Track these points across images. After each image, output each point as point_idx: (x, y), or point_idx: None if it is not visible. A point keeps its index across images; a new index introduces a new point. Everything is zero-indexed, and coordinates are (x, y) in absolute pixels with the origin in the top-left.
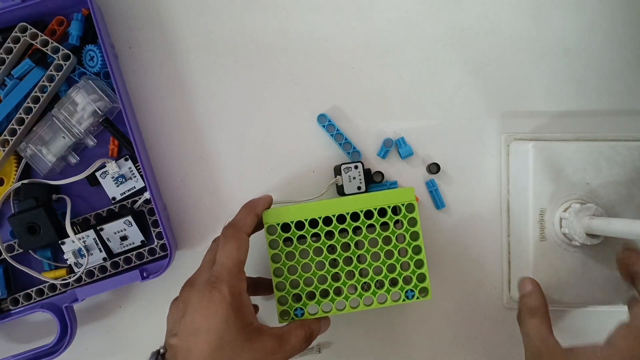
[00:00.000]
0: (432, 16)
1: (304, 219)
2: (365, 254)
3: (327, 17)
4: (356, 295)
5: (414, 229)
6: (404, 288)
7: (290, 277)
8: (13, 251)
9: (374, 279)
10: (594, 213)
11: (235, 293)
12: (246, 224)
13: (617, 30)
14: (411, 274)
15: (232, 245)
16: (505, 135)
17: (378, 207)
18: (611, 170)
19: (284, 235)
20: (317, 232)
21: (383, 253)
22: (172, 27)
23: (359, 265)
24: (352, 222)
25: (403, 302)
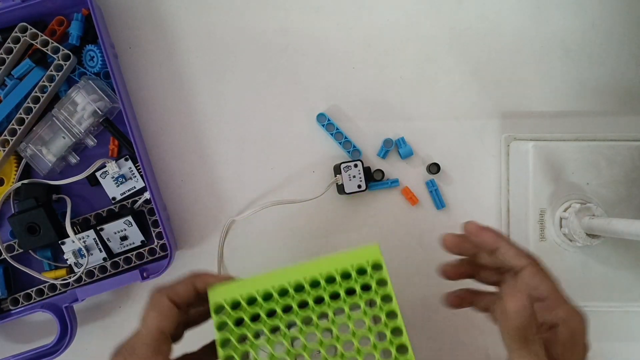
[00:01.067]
0: (432, 16)
1: (256, 292)
2: (331, 327)
3: (327, 16)
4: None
5: (384, 291)
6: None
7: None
8: (13, 251)
9: (344, 356)
10: (594, 213)
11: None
12: (177, 291)
13: (617, 30)
14: (389, 345)
15: (152, 312)
16: (505, 136)
17: (340, 270)
18: (611, 170)
19: (234, 315)
20: (272, 307)
21: (352, 324)
22: (172, 27)
23: (324, 341)
24: (311, 291)
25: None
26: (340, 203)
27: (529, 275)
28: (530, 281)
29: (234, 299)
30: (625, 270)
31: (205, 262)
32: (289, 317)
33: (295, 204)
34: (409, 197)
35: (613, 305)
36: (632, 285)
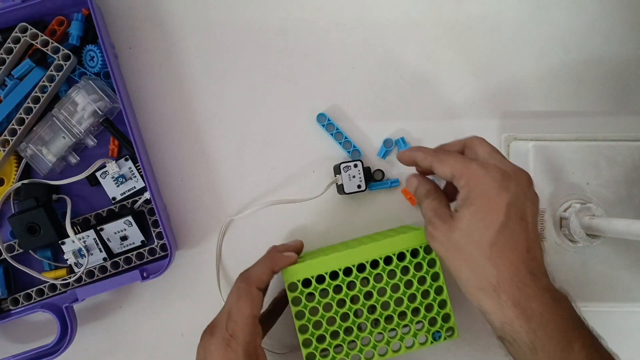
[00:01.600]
0: (432, 16)
1: (325, 273)
2: (388, 300)
3: (327, 16)
4: (384, 343)
5: (434, 270)
6: (430, 330)
7: (317, 333)
8: (13, 251)
9: (399, 324)
10: (594, 213)
11: (249, 351)
12: (260, 279)
13: (617, 30)
14: (435, 315)
15: (244, 302)
16: (506, 136)
17: (397, 252)
18: (611, 170)
19: (306, 291)
20: (338, 284)
21: (406, 297)
22: (172, 27)
23: (383, 312)
24: (372, 270)
25: (431, 344)
26: (340, 203)
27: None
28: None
29: (306, 278)
30: (625, 271)
31: (206, 262)
32: (353, 292)
33: (294, 203)
34: (409, 197)
35: (613, 305)
36: (632, 286)
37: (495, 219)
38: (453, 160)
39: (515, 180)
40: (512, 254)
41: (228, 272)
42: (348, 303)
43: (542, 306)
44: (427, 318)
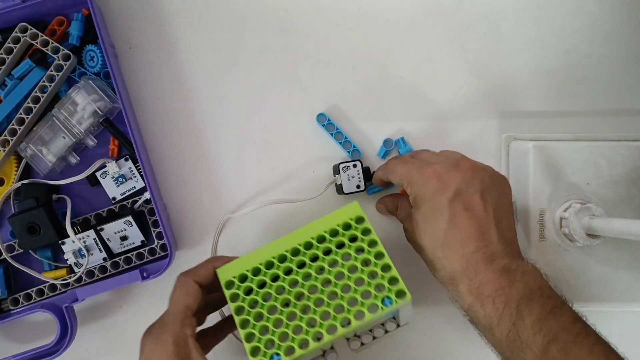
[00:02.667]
0: (433, 16)
1: (259, 264)
2: (328, 277)
3: (327, 16)
4: (331, 320)
5: (370, 238)
6: (379, 297)
7: (259, 325)
8: (13, 251)
9: (344, 297)
10: (594, 213)
11: (179, 341)
12: (198, 272)
13: (617, 30)
14: (381, 280)
15: (179, 292)
16: (506, 136)
17: (329, 229)
18: (611, 170)
19: (243, 285)
20: (275, 272)
21: (346, 270)
22: (172, 27)
23: (325, 289)
24: (306, 251)
25: (383, 311)
26: (339, 203)
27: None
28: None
29: (241, 273)
30: (625, 271)
31: None
32: (290, 277)
33: (294, 203)
34: None
35: (613, 305)
36: (632, 286)
37: (440, 218)
38: (400, 169)
39: (454, 175)
40: (461, 248)
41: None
42: (287, 288)
43: (494, 287)
44: (373, 286)
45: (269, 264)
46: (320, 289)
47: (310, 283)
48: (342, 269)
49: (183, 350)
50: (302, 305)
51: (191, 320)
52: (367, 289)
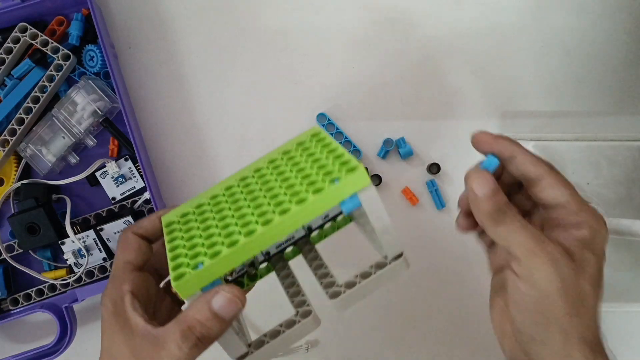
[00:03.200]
0: (433, 16)
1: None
2: (269, 178)
3: (327, 16)
4: (268, 213)
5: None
6: (326, 179)
7: (187, 235)
8: (13, 251)
9: (284, 188)
10: None
11: (116, 300)
12: (141, 224)
13: (618, 30)
14: (332, 167)
15: (119, 248)
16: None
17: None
18: (611, 170)
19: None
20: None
21: (290, 167)
22: (172, 27)
23: (263, 188)
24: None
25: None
26: None
27: (548, 185)
28: (551, 190)
29: (184, 211)
30: (625, 271)
31: None
32: (231, 191)
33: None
34: (409, 197)
35: (613, 306)
36: (632, 286)
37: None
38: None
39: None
40: None
41: None
42: (226, 200)
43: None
44: (320, 174)
45: (215, 195)
46: (259, 188)
47: (248, 189)
48: (285, 168)
49: (119, 308)
50: (236, 207)
51: (131, 275)
52: (313, 178)
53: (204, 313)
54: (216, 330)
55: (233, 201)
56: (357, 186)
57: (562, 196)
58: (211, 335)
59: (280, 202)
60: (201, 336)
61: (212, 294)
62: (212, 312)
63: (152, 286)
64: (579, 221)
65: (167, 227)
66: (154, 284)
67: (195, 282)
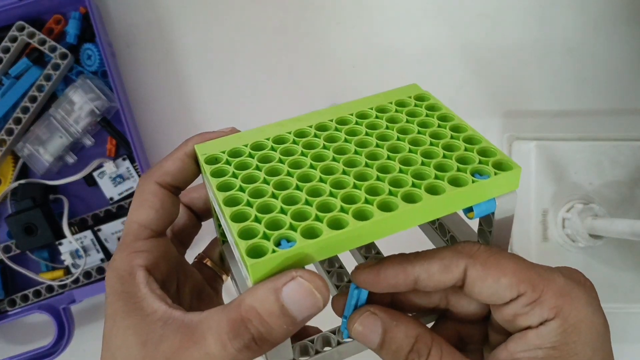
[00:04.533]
0: (433, 15)
1: (266, 139)
2: (377, 150)
3: (327, 15)
4: (386, 194)
5: (441, 112)
6: (465, 169)
7: (257, 202)
8: (10, 252)
9: (406, 172)
10: (597, 213)
11: (124, 276)
12: (164, 169)
13: (620, 29)
14: (467, 153)
15: (134, 204)
16: (507, 135)
17: (375, 106)
18: (614, 170)
19: (236, 161)
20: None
21: (407, 142)
22: (171, 25)
23: (372, 163)
24: (339, 126)
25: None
26: None
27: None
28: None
29: (235, 148)
30: (628, 272)
31: None
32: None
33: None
34: None
35: (616, 306)
36: (635, 287)
37: None
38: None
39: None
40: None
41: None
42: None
43: None
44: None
45: (281, 139)
46: (365, 162)
47: (337, 145)
48: (391, 134)
49: (128, 287)
50: (334, 180)
51: (147, 243)
52: (442, 162)
53: (269, 304)
54: (280, 333)
55: (314, 156)
56: (504, 189)
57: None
58: (271, 338)
59: (399, 182)
60: (258, 336)
61: (286, 278)
62: (280, 304)
63: (174, 258)
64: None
65: (209, 164)
66: (176, 256)
67: (279, 265)
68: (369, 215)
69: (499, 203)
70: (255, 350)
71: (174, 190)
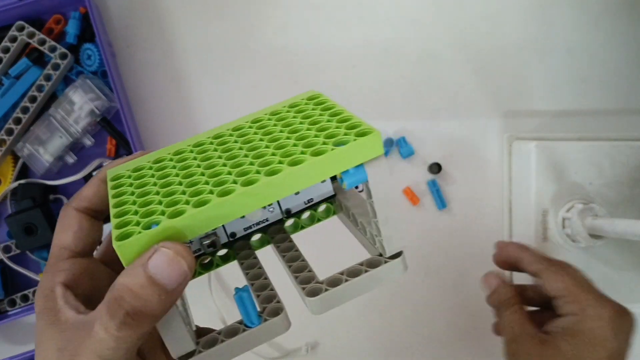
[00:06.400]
0: (434, 14)
1: (168, 154)
2: (253, 137)
3: (327, 14)
4: (252, 172)
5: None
6: (329, 142)
7: (139, 191)
8: (10, 252)
9: (273, 148)
10: (597, 213)
11: (47, 293)
12: (82, 194)
13: (620, 29)
14: (336, 129)
15: (57, 228)
16: (508, 135)
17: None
18: (614, 170)
19: (135, 173)
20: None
21: (282, 129)
22: (170, 25)
23: (249, 153)
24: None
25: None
26: None
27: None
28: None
29: (137, 165)
30: (628, 272)
31: None
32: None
33: None
34: (410, 197)
35: None
36: (635, 287)
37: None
38: (569, 278)
39: (628, 323)
40: None
41: (219, 273)
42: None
43: None
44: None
45: (180, 150)
46: (238, 147)
47: (224, 147)
48: (274, 129)
49: (49, 304)
50: (208, 165)
51: (66, 263)
52: (312, 140)
53: (138, 277)
54: (154, 303)
55: (204, 158)
56: (367, 154)
57: (558, 289)
58: (147, 311)
59: (267, 162)
60: (132, 310)
61: (150, 252)
62: (147, 275)
63: (103, 275)
64: (568, 311)
65: (113, 180)
66: (107, 273)
67: (145, 244)
68: (231, 191)
69: (368, 169)
70: (135, 326)
71: (93, 214)
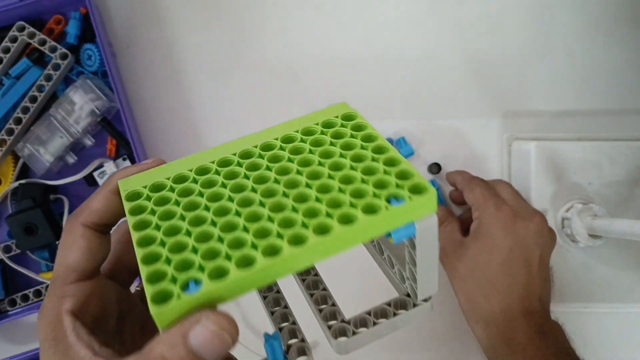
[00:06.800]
0: (434, 14)
1: (189, 170)
2: (296, 177)
3: (327, 14)
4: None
5: (365, 133)
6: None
7: (170, 240)
8: (10, 252)
9: (322, 200)
10: (597, 213)
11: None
12: (90, 206)
13: (620, 29)
14: (386, 175)
15: (61, 246)
16: (507, 135)
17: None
18: (613, 170)
19: (156, 196)
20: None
21: (327, 168)
22: (171, 25)
23: (289, 192)
24: (263, 152)
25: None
26: None
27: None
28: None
29: (157, 182)
30: (627, 271)
31: None
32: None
33: None
34: None
35: (615, 306)
36: (634, 287)
37: (497, 259)
38: (480, 190)
39: (527, 225)
40: (508, 294)
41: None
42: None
43: (527, 340)
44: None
45: (204, 170)
46: (282, 191)
47: (258, 174)
48: (319, 167)
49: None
50: (249, 213)
51: (74, 287)
52: (360, 187)
53: (177, 350)
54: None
55: (235, 188)
56: (420, 212)
57: (470, 199)
58: None
59: (313, 211)
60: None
61: (191, 323)
62: (188, 349)
63: (111, 293)
64: (475, 216)
65: (130, 200)
66: (114, 289)
67: (185, 311)
68: (279, 250)
69: (418, 227)
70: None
71: (102, 229)
